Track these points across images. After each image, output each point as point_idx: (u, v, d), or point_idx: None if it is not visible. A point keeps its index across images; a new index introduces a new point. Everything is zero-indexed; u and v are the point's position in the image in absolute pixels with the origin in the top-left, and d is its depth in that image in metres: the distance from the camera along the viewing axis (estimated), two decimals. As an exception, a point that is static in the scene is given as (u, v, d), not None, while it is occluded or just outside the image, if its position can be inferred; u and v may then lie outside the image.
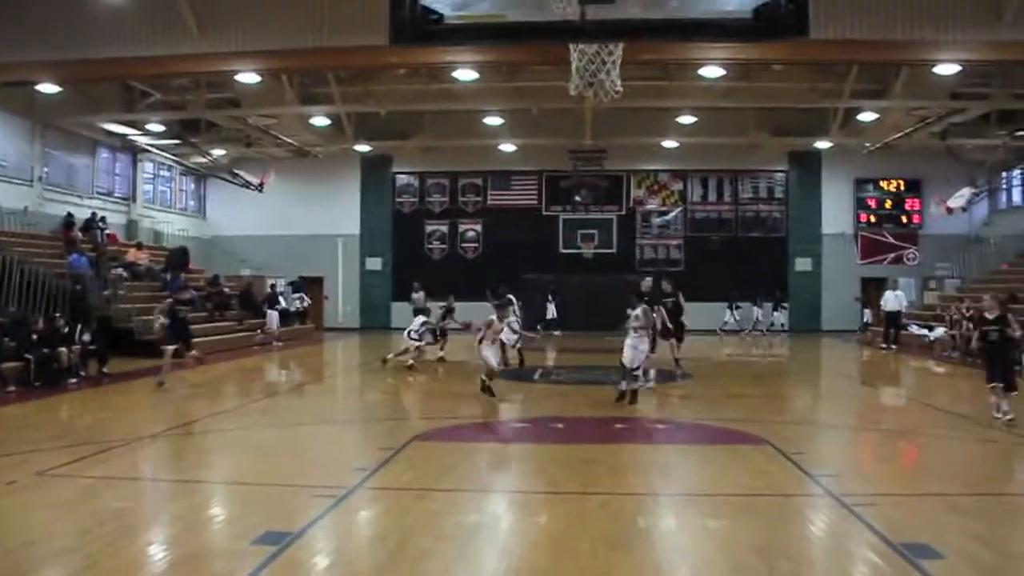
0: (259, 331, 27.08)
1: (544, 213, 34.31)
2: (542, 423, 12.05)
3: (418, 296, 26.52)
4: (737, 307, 32.17)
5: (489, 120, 29.62)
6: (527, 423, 12.30)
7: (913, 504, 7.98)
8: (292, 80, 24.94)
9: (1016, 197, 33.11)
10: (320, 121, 28.64)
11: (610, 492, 8.20)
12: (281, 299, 29.64)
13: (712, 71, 22.57)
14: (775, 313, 32.80)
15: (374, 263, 34.52)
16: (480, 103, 27.76)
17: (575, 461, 9.49)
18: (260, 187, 31.54)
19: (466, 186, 34.76)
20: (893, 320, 26.36)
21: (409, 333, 19.35)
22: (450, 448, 10.52)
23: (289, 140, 30.31)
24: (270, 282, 30.76)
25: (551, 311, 31.39)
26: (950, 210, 30.74)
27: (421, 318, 19.86)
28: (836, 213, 34.08)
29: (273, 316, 27.73)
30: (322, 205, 33.89)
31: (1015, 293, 11.37)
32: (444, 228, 34.78)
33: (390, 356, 19.47)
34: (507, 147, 31.99)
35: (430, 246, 34.77)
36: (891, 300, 26.61)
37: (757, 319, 32.65)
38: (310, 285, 32.90)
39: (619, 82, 10.98)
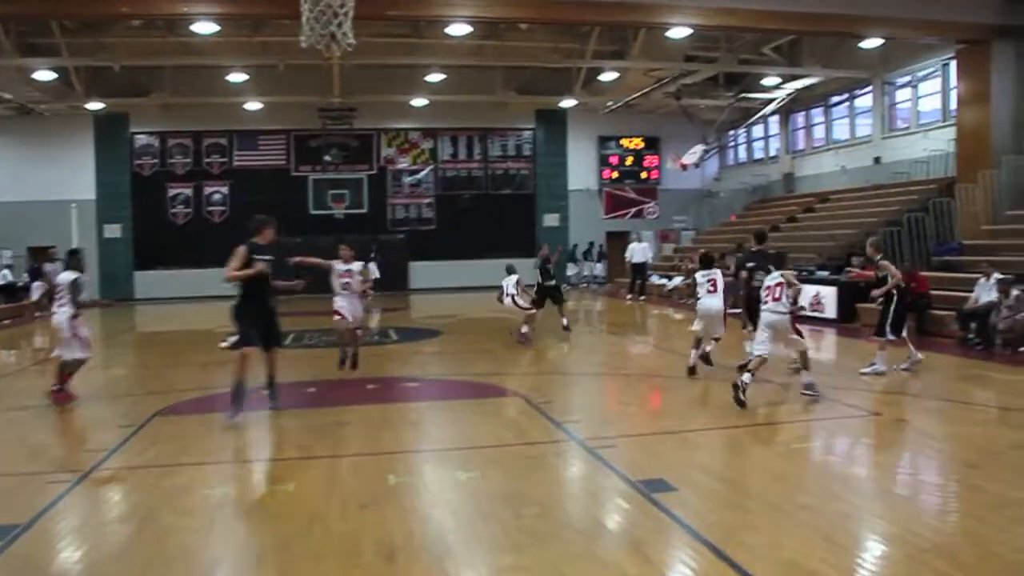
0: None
1: (293, 174, 33.52)
2: (294, 388, 11.82)
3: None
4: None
5: (233, 77, 28.40)
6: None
7: (650, 443, 8.51)
8: (8, 28, 22.82)
9: (742, 154, 35.73)
10: (45, 75, 26.32)
11: (361, 453, 8.21)
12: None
13: (459, 29, 22.70)
14: (597, 265, 34.15)
15: (113, 230, 32.36)
16: (223, 58, 26.63)
17: (326, 424, 9.41)
18: (-24, 149, 28.80)
19: (210, 146, 33.28)
20: (639, 271, 27.77)
21: (514, 300, 16.30)
22: (196, 420, 10.13)
23: (8, 96, 27.82)
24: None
25: (374, 271, 30.73)
26: (684, 166, 32.72)
27: (514, 277, 16.46)
28: (581, 170, 35.44)
29: (37, 287, 25.87)
30: (51, 168, 31.34)
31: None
32: (188, 191, 33.19)
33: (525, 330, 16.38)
34: (253, 105, 30.86)
35: (174, 210, 33.11)
36: (637, 252, 28.01)
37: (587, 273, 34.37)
38: (40, 255, 30.54)
39: (352, 35, 10.84)
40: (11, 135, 30.67)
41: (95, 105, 29.42)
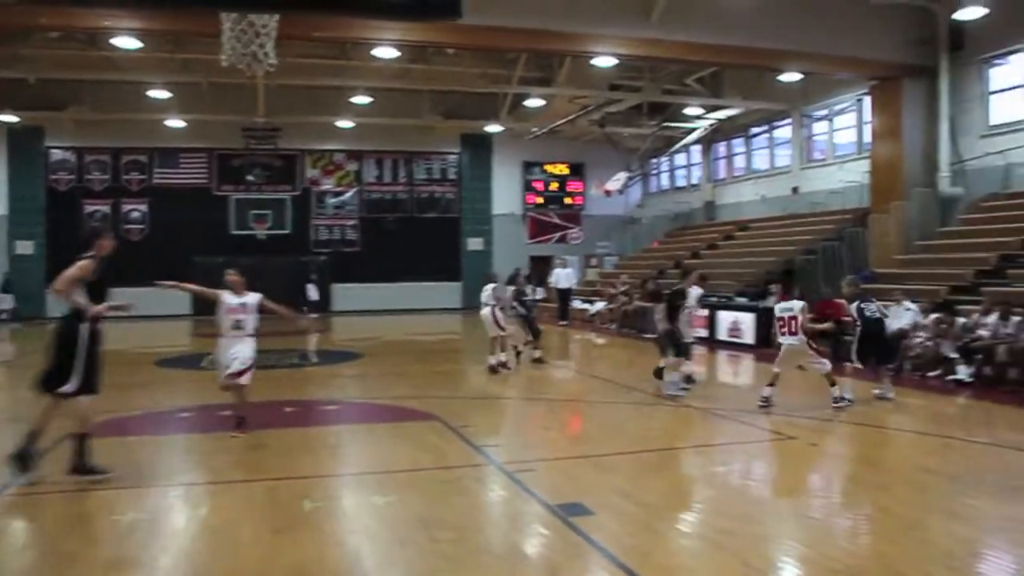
0: None
1: (215, 193, 32.99)
2: (208, 411, 11.58)
3: None
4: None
5: (155, 93, 27.93)
6: (192, 412, 11.78)
7: (569, 467, 8.52)
8: (-81, 38, 22.13)
9: (664, 182, 36.28)
10: (-45, 86, 25.58)
11: (277, 477, 8.03)
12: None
13: (387, 52, 22.67)
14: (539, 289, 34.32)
15: (25, 247, 31.34)
16: (145, 74, 26.17)
17: (241, 448, 9.21)
18: None
19: (129, 163, 32.59)
20: (565, 297, 27.92)
21: (494, 312, 14.89)
22: (107, 444, 9.73)
23: (-83, 107, 26.93)
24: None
25: (313, 293, 30.45)
26: (608, 193, 33.16)
27: (491, 285, 15.17)
28: (506, 194, 35.68)
29: None
30: (-40, 182, 30.38)
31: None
32: (106, 208, 32.39)
33: (493, 361, 15.19)
34: (175, 123, 30.38)
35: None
36: (563, 278, 28.20)
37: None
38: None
39: (274, 55, 10.74)
40: (-82, 147, 29.65)
41: (8, 118, 28.63)
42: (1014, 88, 19.71)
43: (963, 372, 13.49)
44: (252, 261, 31.10)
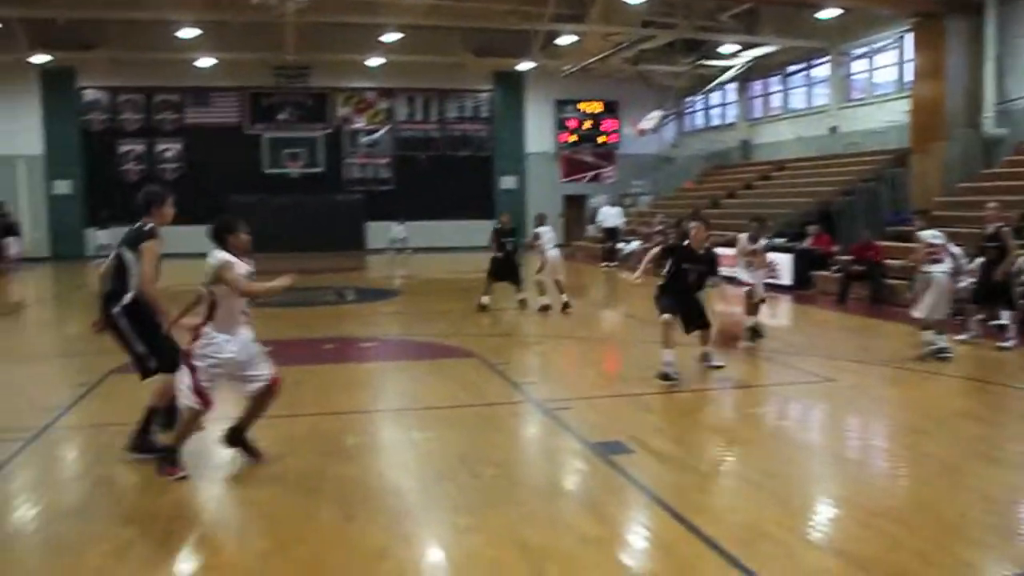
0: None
1: (247, 132, 32.97)
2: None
3: None
4: None
5: (184, 32, 27.75)
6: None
7: (608, 405, 8.59)
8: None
9: (699, 120, 35.83)
10: (-15, 24, 25.45)
11: (318, 413, 8.15)
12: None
13: (417, -13, 22.41)
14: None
15: (62, 186, 31.49)
16: (173, 12, 25.98)
17: (282, 384, 9.30)
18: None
19: (162, 103, 32.57)
20: (612, 235, 27.74)
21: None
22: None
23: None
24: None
25: (399, 230, 31.41)
26: (642, 131, 32.88)
27: (549, 228, 15.68)
28: (539, 133, 35.38)
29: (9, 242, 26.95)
30: (-5, 122, 30.54)
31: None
32: (140, 148, 32.49)
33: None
34: (205, 62, 30.21)
35: (125, 167, 32.40)
36: (610, 216, 28.04)
37: None
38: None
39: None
40: (-47, 86, 29.82)
41: (40, 58, 28.60)
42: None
43: (1006, 317, 13.32)
44: (287, 200, 31.54)
